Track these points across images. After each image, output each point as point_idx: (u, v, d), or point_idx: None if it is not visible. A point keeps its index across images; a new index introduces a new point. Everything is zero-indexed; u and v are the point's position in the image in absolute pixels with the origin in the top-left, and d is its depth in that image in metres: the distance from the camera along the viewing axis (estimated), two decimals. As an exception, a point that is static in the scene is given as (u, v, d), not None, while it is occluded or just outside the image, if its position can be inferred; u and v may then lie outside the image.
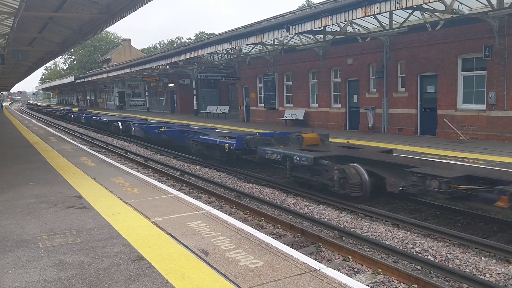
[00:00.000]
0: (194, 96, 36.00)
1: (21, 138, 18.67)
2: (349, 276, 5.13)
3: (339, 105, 20.97)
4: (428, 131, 16.64)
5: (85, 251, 4.81)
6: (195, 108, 35.87)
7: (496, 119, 14.30)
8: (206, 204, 7.69)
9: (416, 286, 5.01)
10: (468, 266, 5.59)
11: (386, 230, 6.99)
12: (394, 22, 15.96)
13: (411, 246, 6.31)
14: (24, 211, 6.60)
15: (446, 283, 5.21)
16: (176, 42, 77.15)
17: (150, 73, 39.03)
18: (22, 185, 8.50)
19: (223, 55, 27.32)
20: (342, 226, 7.31)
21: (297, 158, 9.44)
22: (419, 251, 6.13)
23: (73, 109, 43.74)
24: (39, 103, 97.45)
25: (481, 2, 13.87)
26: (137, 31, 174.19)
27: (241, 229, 5.42)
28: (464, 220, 7.53)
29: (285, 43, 21.82)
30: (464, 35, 14.94)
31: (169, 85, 41.25)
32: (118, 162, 12.57)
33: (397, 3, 11.09)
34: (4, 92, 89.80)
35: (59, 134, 21.13)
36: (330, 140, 12.17)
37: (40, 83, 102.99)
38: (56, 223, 5.90)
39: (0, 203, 7.13)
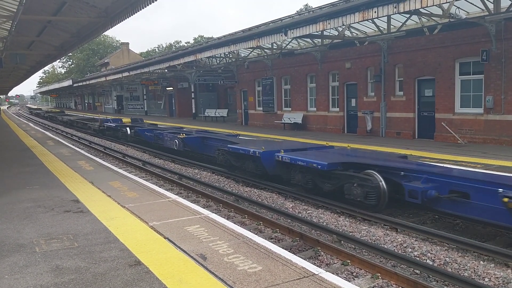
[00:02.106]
0: (193, 100, 36.01)
1: (18, 141, 18.61)
2: (348, 281, 5.11)
3: (337, 109, 20.99)
4: (426, 135, 16.67)
5: (82, 256, 4.78)
6: (193, 111, 35.88)
7: (493, 122, 14.33)
8: (204, 208, 7.67)
9: (415, 290, 4.98)
10: (466, 270, 5.58)
11: (384, 234, 6.98)
12: (391, 26, 16.03)
13: (410, 250, 6.30)
14: (21, 215, 6.56)
15: (445, 287, 5.19)
16: (174, 46, 77.30)
17: (148, 77, 39.08)
18: (19, 189, 8.46)
19: (221, 58, 27.38)
20: (340, 230, 7.29)
21: None
22: (417, 255, 6.11)
23: (123, 119, 25.32)
24: (43, 107, 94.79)
25: (478, 7, 13.95)
26: (142, 32, 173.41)
27: (239, 233, 5.40)
28: (463, 224, 7.52)
29: (283, 47, 21.88)
30: (461, 39, 15.00)
31: (167, 88, 41.26)
32: (116, 166, 12.53)
33: (395, 7, 11.14)
34: (1, 96, 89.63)
35: (57, 138, 21.07)
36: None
37: (38, 86, 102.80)
38: (53, 228, 5.87)
39: (-3, 207, 7.09)
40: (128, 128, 21.11)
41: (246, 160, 11.04)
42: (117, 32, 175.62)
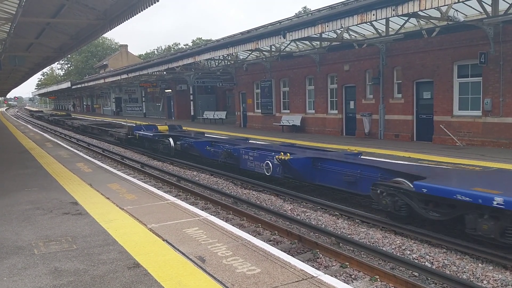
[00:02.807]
0: (191, 102, 36.02)
1: (16, 143, 18.59)
2: (347, 283, 5.12)
3: (336, 111, 21.02)
4: (424, 137, 16.70)
5: (81, 258, 4.77)
6: (192, 114, 35.89)
7: (492, 125, 14.37)
8: (202, 210, 7.67)
9: (413, 292, 4.98)
10: (465, 272, 5.59)
11: (383, 237, 6.98)
12: (390, 29, 16.07)
13: (408, 252, 6.31)
14: (19, 217, 6.55)
15: (444, 289, 5.20)
16: (173, 48, 77.33)
17: (147, 79, 39.05)
18: (18, 191, 8.45)
19: (220, 61, 27.39)
20: (339, 232, 7.29)
21: None
22: (416, 258, 6.12)
23: (158, 126, 19.46)
24: (44, 110, 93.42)
25: (476, 10, 13.99)
26: (141, 34, 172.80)
27: (238, 236, 5.40)
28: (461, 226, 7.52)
29: (282, 49, 21.90)
30: (459, 42, 15.05)
31: (166, 90, 41.27)
32: (114, 168, 12.52)
33: (393, 10, 11.16)
34: (0, 98, 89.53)
35: (55, 140, 21.05)
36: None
37: (36, 88, 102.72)
38: (52, 230, 5.86)
39: (-5, 209, 7.07)
40: (171, 139, 16.18)
41: (470, 215, 6.16)
42: (117, 34, 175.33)
